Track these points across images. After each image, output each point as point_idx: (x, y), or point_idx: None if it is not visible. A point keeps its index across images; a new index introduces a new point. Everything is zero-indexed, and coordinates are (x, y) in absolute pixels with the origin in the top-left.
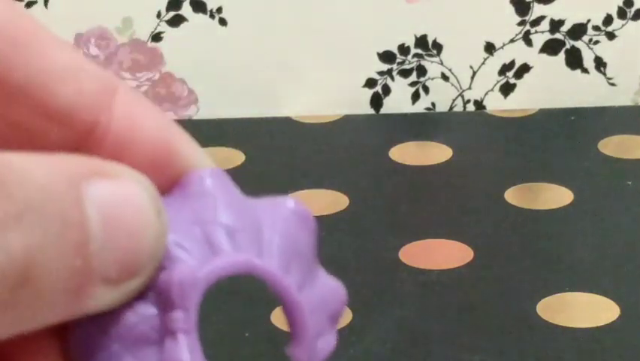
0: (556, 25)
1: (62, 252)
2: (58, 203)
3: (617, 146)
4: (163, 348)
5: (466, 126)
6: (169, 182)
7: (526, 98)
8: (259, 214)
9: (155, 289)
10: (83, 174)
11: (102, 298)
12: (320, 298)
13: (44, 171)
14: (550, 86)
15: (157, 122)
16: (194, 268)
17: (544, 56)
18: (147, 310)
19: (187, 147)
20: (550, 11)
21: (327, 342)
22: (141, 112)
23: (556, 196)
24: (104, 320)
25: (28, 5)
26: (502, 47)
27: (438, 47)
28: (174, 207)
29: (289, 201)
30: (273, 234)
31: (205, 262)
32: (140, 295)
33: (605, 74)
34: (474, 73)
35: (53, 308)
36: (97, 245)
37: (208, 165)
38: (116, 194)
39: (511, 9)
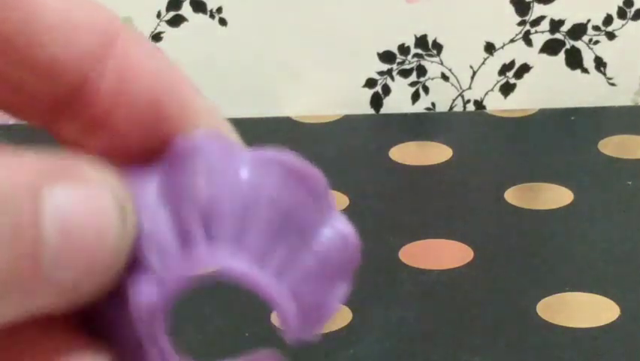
0: (556, 25)
1: (11, 262)
2: (12, 212)
3: (617, 146)
4: None
5: (466, 126)
6: (162, 141)
7: (526, 98)
8: (248, 178)
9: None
10: (44, 181)
11: (55, 301)
12: (321, 260)
13: (1, 176)
14: (550, 86)
15: (154, 77)
16: (153, 290)
17: (544, 56)
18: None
19: (184, 105)
20: (550, 11)
21: (328, 307)
22: (138, 65)
23: (556, 196)
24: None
25: None
26: (502, 47)
27: (438, 47)
28: (153, 184)
29: (285, 157)
30: (258, 200)
31: (171, 269)
32: (118, 295)
33: (605, 74)
34: (474, 73)
35: (4, 309)
36: (50, 257)
37: (205, 125)
38: (77, 202)
39: (511, 9)
